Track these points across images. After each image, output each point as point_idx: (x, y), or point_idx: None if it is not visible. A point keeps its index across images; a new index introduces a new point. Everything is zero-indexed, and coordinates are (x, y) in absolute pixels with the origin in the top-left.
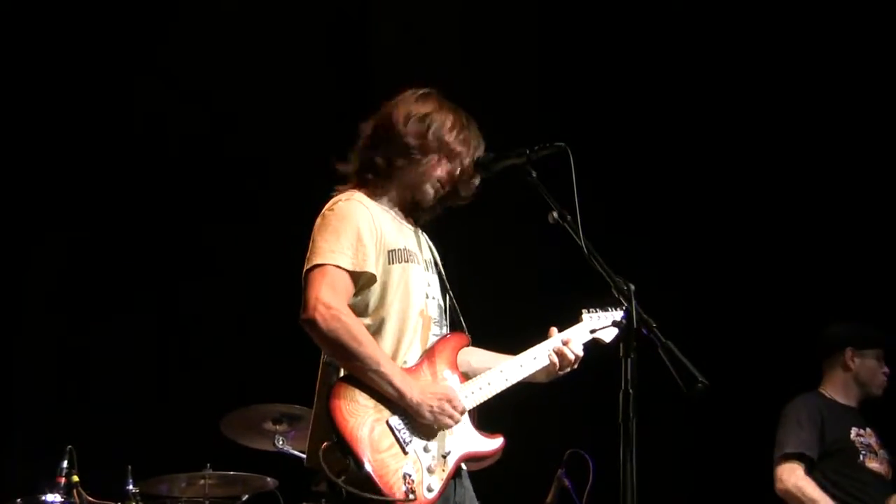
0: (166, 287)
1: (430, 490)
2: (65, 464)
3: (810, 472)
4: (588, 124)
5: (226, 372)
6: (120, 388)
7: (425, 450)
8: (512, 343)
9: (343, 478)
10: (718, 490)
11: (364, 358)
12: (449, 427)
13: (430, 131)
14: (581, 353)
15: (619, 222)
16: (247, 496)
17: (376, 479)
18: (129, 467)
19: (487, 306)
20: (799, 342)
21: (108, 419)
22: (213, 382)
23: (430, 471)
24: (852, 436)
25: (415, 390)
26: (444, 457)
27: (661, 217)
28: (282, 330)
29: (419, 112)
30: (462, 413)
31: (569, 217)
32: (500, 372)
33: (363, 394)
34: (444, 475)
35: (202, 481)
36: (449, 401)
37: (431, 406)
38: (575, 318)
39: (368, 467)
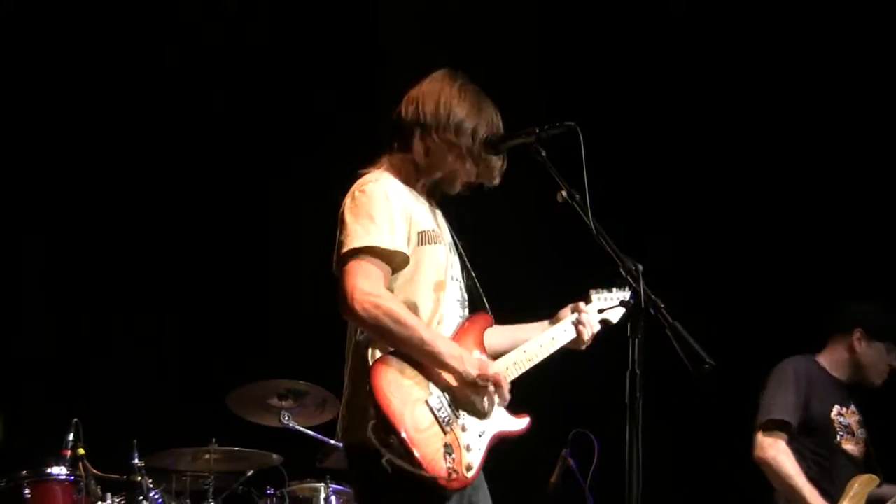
0: (172, 262)
1: (468, 469)
2: (71, 437)
3: (789, 444)
4: (592, 105)
5: (232, 347)
6: (126, 361)
7: (463, 429)
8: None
9: (387, 458)
10: (724, 472)
11: (410, 338)
12: (492, 408)
13: (450, 107)
14: (598, 328)
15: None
16: (251, 471)
17: (419, 457)
18: (135, 441)
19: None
20: (807, 323)
21: (115, 393)
22: (219, 358)
23: (468, 449)
24: (833, 413)
25: (469, 364)
26: (480, 435)
27: (669, 200)
28: (288, 306)
29: (437, 91)
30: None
31: (577, 196)
32: (524, 352)
33: (402, 374)
34: (481, 454)
35: (207, 456)
36: (500, 383)
37: (486, 384)
38: (583, 298)
39: (411, 446)
